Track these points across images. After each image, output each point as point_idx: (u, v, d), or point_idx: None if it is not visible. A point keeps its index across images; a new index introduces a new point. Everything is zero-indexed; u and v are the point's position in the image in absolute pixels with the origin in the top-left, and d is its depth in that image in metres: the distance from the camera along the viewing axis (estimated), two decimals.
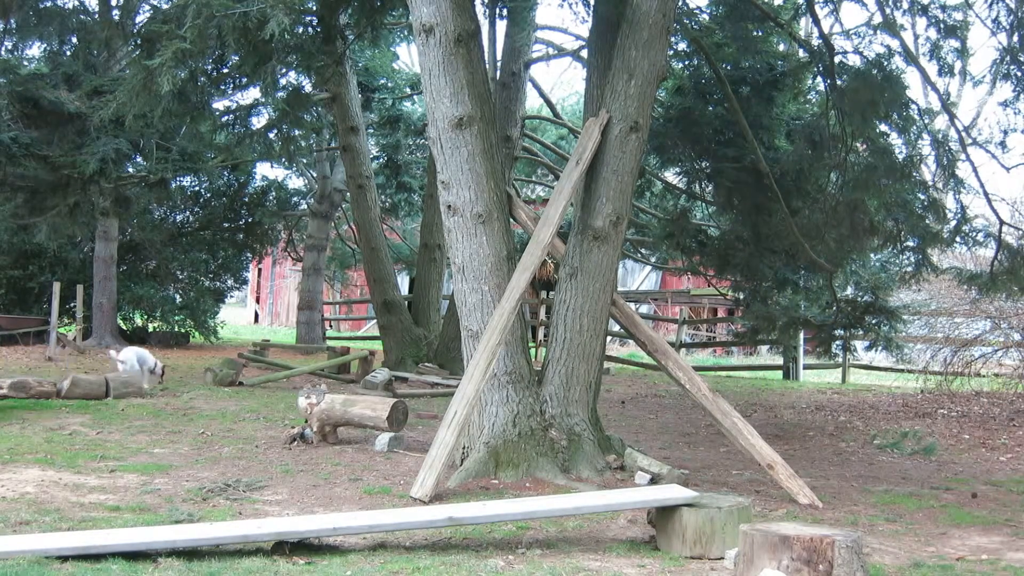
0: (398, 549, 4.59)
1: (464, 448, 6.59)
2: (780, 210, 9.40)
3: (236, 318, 31.74)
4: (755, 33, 10.07)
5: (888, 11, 9.25)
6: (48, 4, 12.71)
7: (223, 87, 10.37)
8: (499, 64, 14.20)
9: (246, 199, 20.23)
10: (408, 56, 31.47)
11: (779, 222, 9.65)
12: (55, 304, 14.46)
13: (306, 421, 7.73)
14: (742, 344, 16.94)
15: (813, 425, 10.42)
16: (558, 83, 54.45)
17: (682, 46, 10.40)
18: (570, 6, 11.85)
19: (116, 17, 12.64)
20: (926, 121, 10.00)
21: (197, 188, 20.03)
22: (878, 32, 9.32)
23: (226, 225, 20.29)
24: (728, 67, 9.81)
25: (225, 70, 9.53)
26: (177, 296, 19.96)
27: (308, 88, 12.13)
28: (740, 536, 4.06)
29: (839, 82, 9.21)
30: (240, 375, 11.90)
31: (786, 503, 6.00)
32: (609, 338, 16.88)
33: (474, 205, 6.56)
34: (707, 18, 10.58)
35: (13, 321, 16.24)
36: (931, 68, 9.49)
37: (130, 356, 10.91)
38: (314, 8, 9.40)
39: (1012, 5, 8.84)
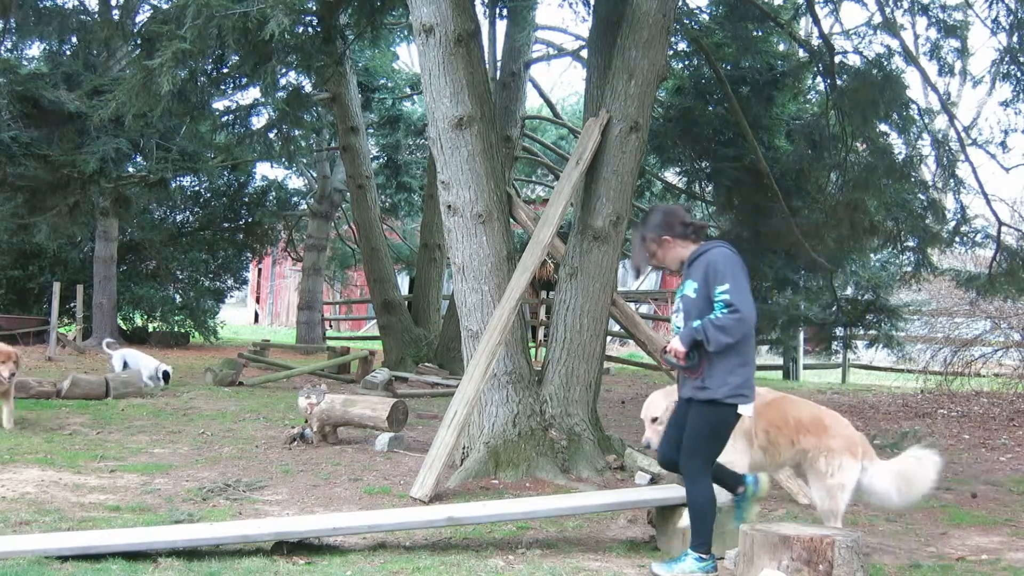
0: (398, 549, 4.59)
1: (464, 448, 6.59)
2: (780, 210, 9.41)
3: (236, 318, 31.74)
4: (755, 33, 10.09)
5: (888, 11, 9.26)
6: (48, 4, 12.69)
7: (223, 87, 10.35)
8: (499, 64, 14.19)
9: (246, 199, 20.22)
10: (408, 56, 31.51)
11: (779, 222, 9.66)
12: (55, 304, 14.46)
13: (306, 421, 7.73)
14: None
15: None
16: (558, 83, 54.57)
17: (682, 46, 10.41)
18: (570, 6, 11.85)
19: (116, 17, 12.62)
20: (926, 121, 10.01)
21: (197, 188, 20.02)
22: (878, 32, 9.34)
23: (226, 225, 20.29)
24: (728, 67, 9.82)
25: (225, 70, 9.52)
26: (177, 296, 19.95)
27: (308, 88, 12.12)
28: (740, 536, 4.06)
29: (839, 82, 9.22)
30: (240, 375, 11.90)
31: (786, 503, 6.00)
32: (609, 338, 16.88)
33: (474, 205, 6.56)
34: (707, 18, 10.59)
35: (13, 321, 16.24)
36: (931, 68, 9.51)
37: (117, 361, 10.93)
38: (314, 8, 9.39)
39: (1012, 5, 8.85)
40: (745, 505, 4.38)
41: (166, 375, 10.95)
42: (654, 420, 4.56)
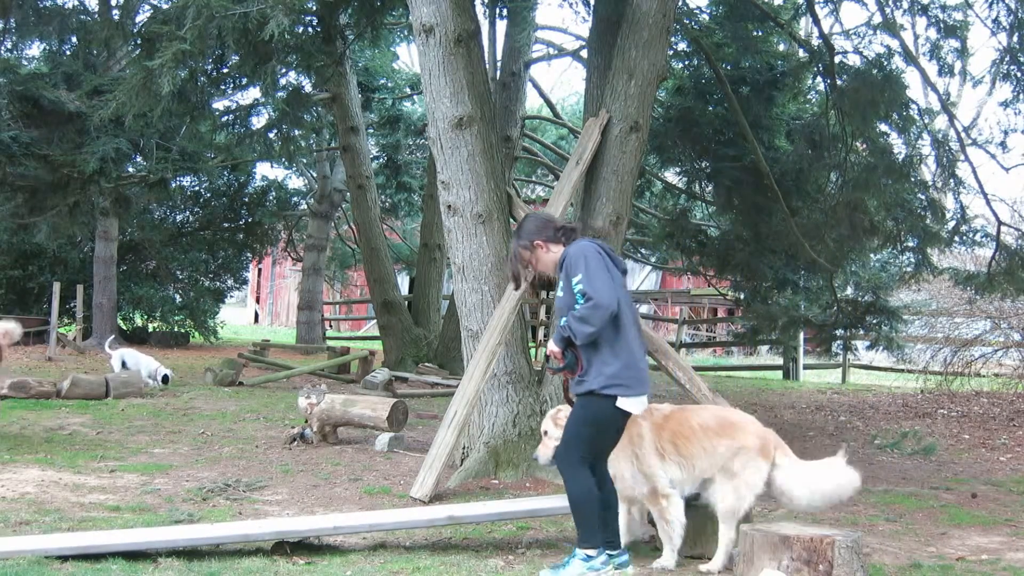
0: (398, 549, 4.60)
1: (464, 448, 6.59)
2: (780, 210, 9.40)
3: (236, 318, 31.73)
4: (755, 33, 10.07)
5: (888, 11, 9.25)
6: (48, 3, 12.68)
7: (223, 87, 10.34)
8: (499, 64, 14.19)
9: (246, 199, 20.21)
10: (408, 56, 31.50)
11: (779, 222, 9.65)
12: (55, 304, 14.45)
13: (306, 421, 7.73)
14: (742, 344, 16.95)
15: (813, 425, 10.42)
16: (558, 83, 54.52)
17: (682, 46, 10.40)
18: (570, 6, 11.86)
19: (116, 17, 12.60)
20: (926, 121, 10.00)
21: (197, 188, 20.01)
22: (878, 32, 9.32)
23: (226, 225, 20.27)
24: (728, 67, 9.81)
25: (225, 70, 9.51)
26: (177, 296, 19.94)
27: (308, 88, 12.11)
28: (740, 536, 4.06)
29: (839, 82, 9.21)
30: (240, 375, 11.90)
31: None
32: None
33: (474, 205, 6.56)
34: (707, 18, 10.58)
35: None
36: (931, 68, 9.50)
37: (116, 361, 10.95)
38: (314, 8, 9.39)
39: (1012, 5, 8.85)
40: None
41: (165, 378, 10.93)
42: (545, 433, 4.47)
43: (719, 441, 4.34)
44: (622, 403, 4.08)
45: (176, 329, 19.29)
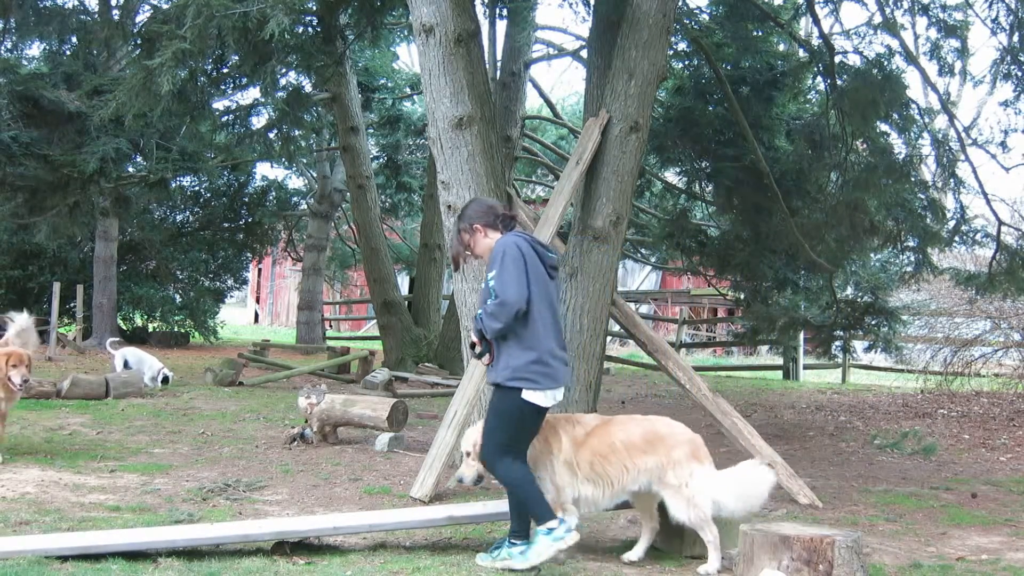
0: (398, 549, 4.60)
1: None
2: (780, 210, 9.39)
3: (236, 318, 31.74)
4: (755, 33, 10.07)
5: (888, 11, 9.25)
6: (48, 4, 12.69)
7: (223, 87, 10.35)
8: (499, 64, 14.20)
9: (246, 199, 20.24)
10: (408, 56, 31.53)
11: (779, 222, 9.64)
12: (55, 304, 14.46)
13: (306, 421, 7.73)
14: (742, 344, 16.95)
15: (813, 425, 10.42)
16: (558, 83, 54.60)
17: (682, 46, 10.39)
18: (570, 6, 11.85)
19: (116, 17, 12.62)
20: (926, 121, 10.00)
21: (197, 188, 20.04)
22: (878, 32, 9.32)
23: (226, 225, 20.30)
24: (728, 67, 9.80)
25: (225, 70, 9.52)
26: (177, 296, 19.97)
27: (308, 88, 12.12)
28: (740, 536, 4.06)
29: (839, 82, 9.21)
30: (240, 375, 11.90)
31: (786, 503, 6.00)
32: (609, 338, 16.89)
33: None
34: (707, 18, 10.58)
35: None
36: (931, 68, 9.49)
37: (118, 361, 10.95)
38: (314, 8, 9.39)
39: (1012, 5, 8.84)
40: (538, 543, 4.11)
41: (166, 379, 10.93)
42: (467, 454, 4.45)
43: (645, 459, 4.32)
44: (528, 396, 4.10)
45: (176, 329, 19.31)
